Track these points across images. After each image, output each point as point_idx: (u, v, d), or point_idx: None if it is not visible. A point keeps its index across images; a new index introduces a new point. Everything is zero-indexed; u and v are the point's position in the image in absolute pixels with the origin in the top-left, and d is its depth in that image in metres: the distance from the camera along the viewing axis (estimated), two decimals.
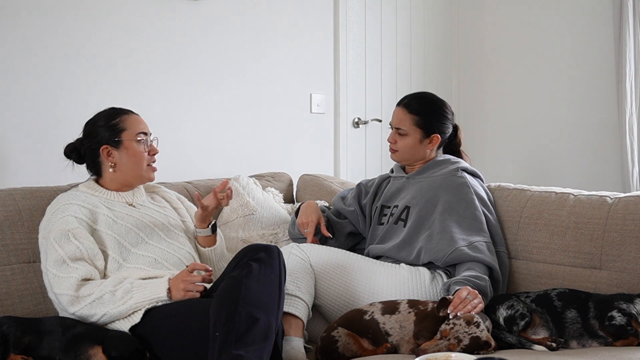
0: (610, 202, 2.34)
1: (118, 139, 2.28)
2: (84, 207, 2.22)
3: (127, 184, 2.34)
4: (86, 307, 2.05)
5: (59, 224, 2.15)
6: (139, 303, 2.05)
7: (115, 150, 2.29)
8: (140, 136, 2.30)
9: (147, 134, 2.34)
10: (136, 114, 2.36)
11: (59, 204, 2.22)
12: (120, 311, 2.05)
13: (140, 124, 2.33)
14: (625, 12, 3.73)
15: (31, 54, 2.75)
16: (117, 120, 2.30)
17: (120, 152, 2.29)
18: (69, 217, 2.16)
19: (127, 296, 2.05)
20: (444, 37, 4.49)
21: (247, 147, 3.46)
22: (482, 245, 2.30)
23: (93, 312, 2.05)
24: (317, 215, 2.56)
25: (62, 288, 2.06)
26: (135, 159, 2.30)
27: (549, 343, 1.99)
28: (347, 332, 2.09)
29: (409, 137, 2.51)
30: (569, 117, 4.11)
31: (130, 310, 2.05)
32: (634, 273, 2.20)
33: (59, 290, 2.07)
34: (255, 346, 1.78)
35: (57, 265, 2.09)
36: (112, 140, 2.28)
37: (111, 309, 2.04)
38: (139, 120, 2.34)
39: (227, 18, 3.37)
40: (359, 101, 4.01)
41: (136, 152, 2.30)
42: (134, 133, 2.29)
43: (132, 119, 2.33)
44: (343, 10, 3.85)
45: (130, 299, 2.05)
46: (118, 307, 2.04)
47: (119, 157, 2.29)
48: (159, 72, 3.14)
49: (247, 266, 1.92)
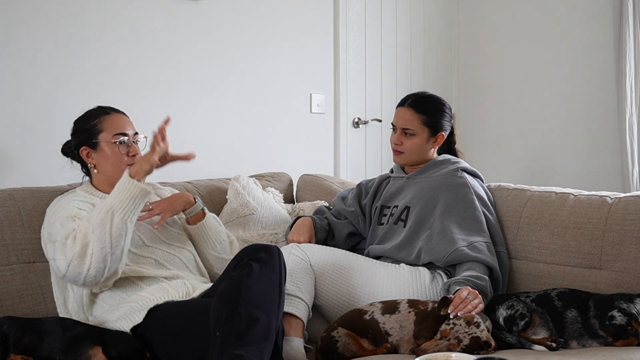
0: (610, 202, 2.34)
1: (95, 141, 2.26)
2: (85, 202, 2.22)
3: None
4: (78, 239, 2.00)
5: (62, 212, 2.14)
6: (111, 202, 2.03)
7: (94, 152, 2.27)
8: (117, 137, 2.26)
9: (128, 135, 2.28)
10: (119, 113, 2.32)
11: (59, 204, 2.22)
12: (101, 219, 2.00)
13: (121, 124, 2.28)
14: (625, 12, 3.73)
15: (31, 54, 2.75)
16: (95, 122, 2.27)
17: (98, 154, 2.27)
18: (71, 207, 2.16)
19: (99, 205, 2.05)
20: (444, 37, 4.49)
21: (247, 147, 3.46)
22: (482, 246, 2.30)
23: (86, 241, 2.00)
24: (309, 234, 2.53)
25: (67, 251, 2.02)
26: (112, 160, 2.26)
27: (549, 343, 1.99)
28: (347, 332, 2.09)
29: (417, 137, 2.50)
30: (569, 117, 4.11)
31: (110, 214, 2.01)
32: (634, 273, 2.21)
33: (63, 255, 2.02)
34: (255, 346, 1.78)
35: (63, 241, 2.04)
36: (90, 141, 2.26)
37: (94, 222, 2.00)
38: (119, 120, 2.29)
39: (227, 18, 3.37)
40: (359, 101, 4.01)
41: (112, 154, 2.26)
42: (111, 134, 2.25)
43: (112, 120, 2.28)
44: (343, 10, 3.84)
45: (103, 205, 2.03)
46: (97, 216, 2.01)
47: (97, 158, 2.27)
48: (158, 71, 3.13)
49: (247, 266, 1.92)
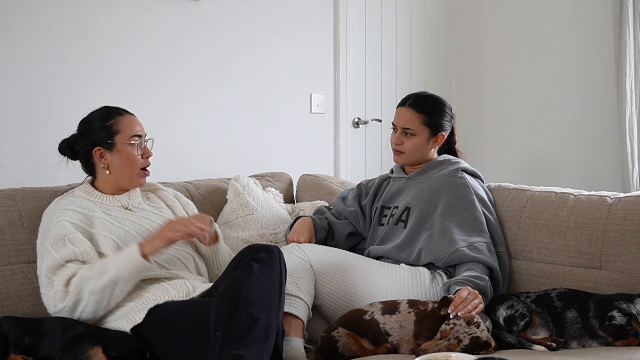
0: (610, 202, 2.34)
1: (111, 142, 2.24)
2: (80, 212, 2.20)
3: (120, 188, 2.32)
4: (72, 294, 2.02)
5: (55, 229, 2.15)
6: (117, 273, 2.02)
7: (109, 152, 2.26)
8: (134, 139, 2.26)
9: (142, 136, 2.29)
10: (131, 115, 2.32)
11: (55, 210, 2.21)
12: (103, 286, 2.01)
13: (135, 126, 2.29)
14: (625, 12, 3.73)
15: (29, 54, 2.75)
16: (111, 122, 2.26)
17: (113, 155, 2.26)
18: (64, 223, 2.16)
19: (103, 267, 2.03)
20: (444, 37, 4.49)
21: (247, 147, 3.46)
22: (482, 246, 2.30)
23: (79, 297, 2.02)
24: (309, 234, 2.53)
25: (56, 287, 2.05)
26: (128, 162, 2.26)
27: (549, 343, 1.99)
28: (347, 332, 2.09)
29: (417, 137, 2.50)
30: (569, 117, 4.11)
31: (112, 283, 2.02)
32: (634, 273, 2.20)
33: (51, 291, 2.06)
34: (255, 346, 1.78)
35: (52, 269, 2.08)
36: (106, 142, 2.25)
37: (93, 285, 2.01)
38: (133, 122, 2.30)
39: (227, 18, 3.37)
40: (359, 101, 4.01)
41: (129, 156, 2.26)
42: (128, 136, 2.25)
43: (127, 121, 2.28)
44: (343, 10, 3.85)
45: (107, 270, 2.02)
46: (99, 281, 2.01)
47: (112, 159, 2.26)
48: (158, 71, 3.13)
49: (247, 266, 1.91)
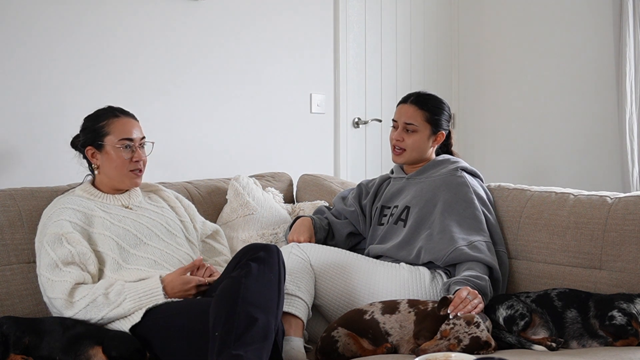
0: (610, 202, 2.34)
1: (101, 143, 2.26)
2: (79, 211, 2.21)
3: (115, 188, 2.32)
4: (81, 312, 2.04)
5: (53, 228, 2.15)
6: (135, 305, 2.05)
7: (99, 153, 2.28)
8: (123, 142, 2.26)
9: (134, 140, 2.28)
10: (129, 117, 2.32)
11: (54, 208, 2.22)
12: (117, 313, 2.04)
13: (128, 129, 2.28)
14: (625, 12, 3.73)
15: (31, 54, 2.75)
16: (103, 124, 2.27)
17: (102, 156, 2.28)
18: (63, 222, 2.16)
19: (120, 298, 2.05)
20: (444, 36, 4.49)
21: (247, 147, 3.46)
22: (482, 245, 2.30)
23: (89, 317, 2.05)
24: (309, 234, 2.53)
25: (56, 292, 2.06)
26: (115, 164, 2.27)
27: (549, 343, 1.99)
28: (347, 332, 2.09)
29: (418, 134, 2.50)
30: (568, 117, 4.11)
31: (127, 312, 2.05)
32: (634, 273, 2.20)
33: (52, 294, 2.07)
34: (254, 346, 1.78)
35: (50, 269, 2.09)
36: (96, 142, 2.27)
37: (107, 312, 2.04)
38: (128, 125, 2.29)
39: (227, 18, 3.37)
40: (359, 101, 4.01)
41: (115, 158, 2.26)
42: (116, 139, 2.26)
43: (120, 123, 2.28)
44: (343, 10, 3.84)
45: (124, 301, 2.04)
46: (114, 310, 2.04)
47: (102, 160, 2.28)
48: (158, 72, 3.13)
49: (246, 266, 1.91)
